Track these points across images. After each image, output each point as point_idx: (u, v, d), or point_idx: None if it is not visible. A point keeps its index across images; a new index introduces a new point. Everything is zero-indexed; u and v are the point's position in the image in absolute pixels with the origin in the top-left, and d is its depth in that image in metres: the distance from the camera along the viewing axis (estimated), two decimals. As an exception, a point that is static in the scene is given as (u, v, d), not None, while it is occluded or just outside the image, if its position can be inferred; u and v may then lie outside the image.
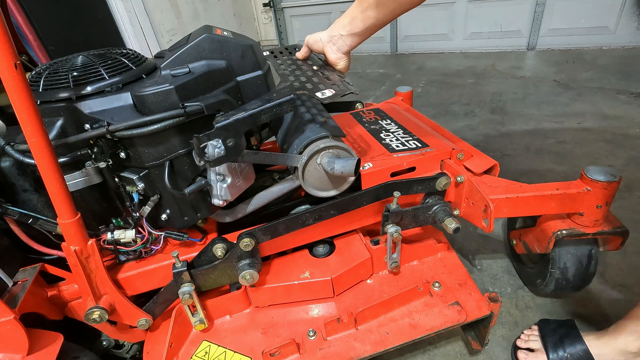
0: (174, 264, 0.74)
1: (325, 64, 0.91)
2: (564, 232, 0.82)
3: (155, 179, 0.71)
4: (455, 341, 0.95)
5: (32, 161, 0.57)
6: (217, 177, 0.74)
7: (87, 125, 0.64)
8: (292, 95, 0.70)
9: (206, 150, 0.66)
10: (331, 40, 0.85)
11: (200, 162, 0.71)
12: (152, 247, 0.79)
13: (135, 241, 0.74)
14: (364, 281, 0.90)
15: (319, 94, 0.71)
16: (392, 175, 0.85)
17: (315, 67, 0.88)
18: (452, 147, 0.88)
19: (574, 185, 0.80)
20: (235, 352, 0.79)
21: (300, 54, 0.96)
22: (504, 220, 1.24)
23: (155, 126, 0.63)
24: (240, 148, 0.70)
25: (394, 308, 0.84)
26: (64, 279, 0.77)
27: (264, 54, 0.98)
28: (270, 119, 0.71)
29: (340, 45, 0.85)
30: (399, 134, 0.97)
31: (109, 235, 0.72)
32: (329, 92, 0.72)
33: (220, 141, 0.66)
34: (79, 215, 0.63)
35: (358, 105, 1.21)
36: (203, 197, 0.77)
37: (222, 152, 0.67)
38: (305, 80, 0.81)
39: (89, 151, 0.65)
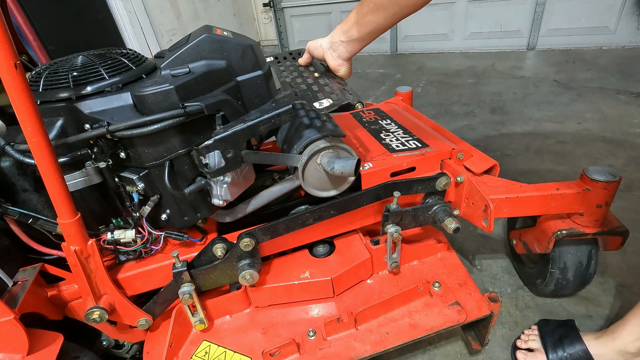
0: (174, 264, 0.75)
1: (327, 70, 0.91)
2: (564, 232, 0.82)
3: (155, 179, 0.71)
4: (455, 341, 0.95)
5: (32, 161, 0.57)
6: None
7: (87, 125, 0.64)
8: (290, 106, 0.70)
9: (206, 162, 0.67)
10: (331, 46, 0.85)
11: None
12: (152, 247, 0.79)
13: (135, 241, 0.74)
14: (364, 281, 0.90)
15: (316, 104, 0.72)
16: (392, 175, 0.85)
17: (316, 74, 0.89)
18: (452, 147, 0.88)
19: (574, 185, 0.80)
20: (235, 352, 0.79)
21: (302, 60, 0.97)
22: (504, 220, 1.24)
23: (155, 126, 0.63)
24: (240, 159, 0.70)
25: (394, 308, 0.84)
26: (64, 279, 0.77)
27: (268, 59, 0.98)
28: (270, 129, 0.71)
29: (341, 51, 0.84)
30: (399, 134, 0.97)
31: (109, 235, 0.72)
32: (326, 102, 0.73)
33: (219, 153, 0.67)
34: (79, 215, 0.63)
35: (358, 105, 1.21)
36: (203, 197, 0.77)
37: (222, 163, 0.68)
38: (305, 89, 0.81)
39: (89, 151, 0.65)
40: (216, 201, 0.75)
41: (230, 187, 0.74)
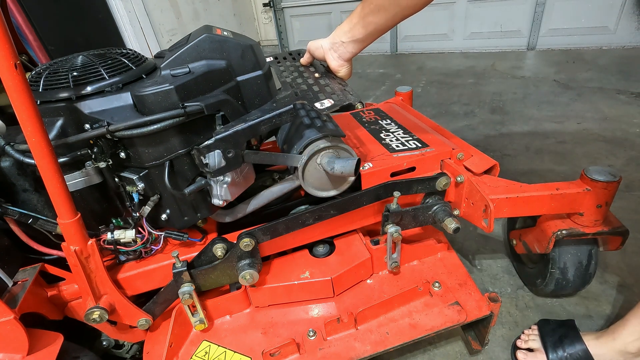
0: (174, 264, 0.74)
1: (328, 71, 0.91)
2: (564, 232, 0.82)
3: (155, 179, 0.71)
4: (455, 341, 0.95)
5: (32, 161, 0.57)
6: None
7: (87, 125, 0.64)
8: (291, 106, 0.70)
9: (207, 161, 0.67)
10: (332, 47, 0.85)
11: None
12: (152, 247, 0.79)
13: (135, 241, 0.74)
14: (364, 281, 0.90)
15: (317, 104, 0.72)
16: (392, 175, 0.85)
17: (317, 75, 0.89)
18: (452, 147, 0.88)
19: (574, 185, 0.80)
20: (235, 352, 0.79)
21: (303, 60, 0.96)
22: (504, 220, 1.24)
23: (155, 126, 0.63)
24: (240, 158, 0.70)
25: (394, 308, 0.84)
26: (64, 279, 0.77)
27: (268, 59, 0.98)
28: (271, 129, 0.71)
29: (342, 52, 0.84)
30: (399, 134, 0.97)
31: (109, 235, 0.72)
32: (327, 103, 0.73)
33: (220, 152, 0.67)
34: (79, 215, 0.63)
35: (358, 105, 1.21)
36: (203, 197, 0.77)
37: (223, 163, 0.68)
38: (305, 89, 0.81)
39: (89, 151, 0.65)
40: (216, 201, 0.75)
41: (230, 187, 0.74)
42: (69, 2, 2.57)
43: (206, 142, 0.68)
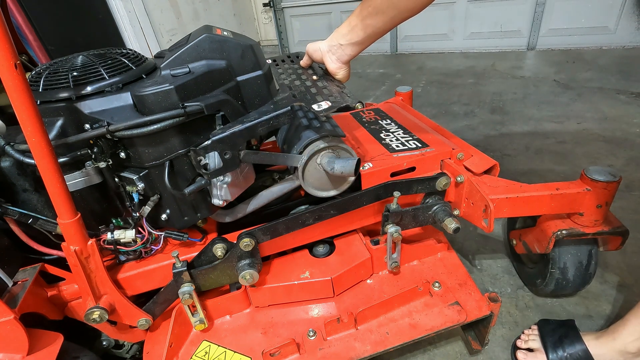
0: (174, 264, 0.75)
1: (326, 73, 0.91)
2: (564, 232, 0.82)
3: (155, 179, 0.71)
4: (455, 341, 0.95)
5: (32, 161, 0.57)
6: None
7: (87, 125, 0.64)
8: (288, 108, 0.71)
9: (205, 162, 0.67)
10: (330, 49, 0.85)
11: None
12: (152, 247, 0.79)
13: (135, 241, 0.74)
14: (364, 281, 0.90)
15: (315, 106, 0.72)
16: (392, 175, 0.85)
17: (315, 77, 0.89)
18: (452, 147, 0.88)
19: (574, 185, 0.80)
20: (235, 352, 0.79)
21: (302, 63, 0.97)
22: (504, 220, 1.24)
23: (155, 126, 0.63)
24: (237, 160, 0.70)
25: (394, 308, 0.84)
26: (64, 279, 0.77)
27: (267, 62, 0.99)
28: (268, 131, 0.71)
29: (340, 54, 0.84)
30: (399, 134, 0.97)
31: (109, 235, 0.72)
32: (325, 105, 0.73)
33: (218, 154, 0.67)
34: (79, 215, 0.63)
35: (358, 105, 1.21)
36: (203, 197, 0.77)
37: (220, 164, 0.68)
38: (303, 91, 0.81)
39: (89, 151, 0.65)
40: (216, 201, 0.75)
41: (230, 187, 0.74)
42: (69, 2, 2.57)
43: (203, 144, 0.68)
